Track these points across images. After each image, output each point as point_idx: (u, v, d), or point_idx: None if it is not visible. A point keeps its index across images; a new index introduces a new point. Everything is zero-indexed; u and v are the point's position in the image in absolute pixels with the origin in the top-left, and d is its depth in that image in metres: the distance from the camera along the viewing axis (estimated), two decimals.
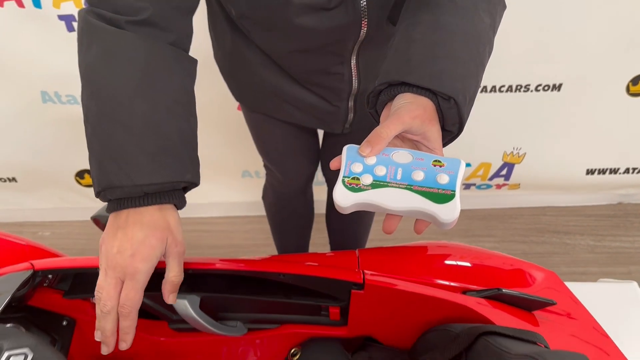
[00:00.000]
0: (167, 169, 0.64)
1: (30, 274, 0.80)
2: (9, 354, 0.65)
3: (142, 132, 0.63)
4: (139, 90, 0.64)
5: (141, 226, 0.64)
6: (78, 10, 0.70)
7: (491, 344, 0.67)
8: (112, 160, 0.63)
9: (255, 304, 0.90)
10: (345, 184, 0.61)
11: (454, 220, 0.59)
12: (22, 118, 1.84)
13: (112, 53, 0.64)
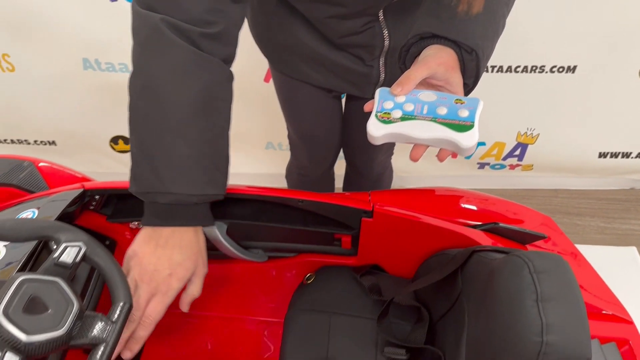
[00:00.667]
0: (216, 183, 0.73)
1: (81, 193, 0.91)
2: (66, 245, 0.76)
3: (201, 147, 0.70)
4: (204, 107, 0.70)
5: (180, 249, 0.72)
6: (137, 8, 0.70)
7: (483, 257, 0.75)
8: (169, 168, 0.69)
9: (275, 233, 1.00)
10: (378, 118, 0.70)
11: (473, 146, 0.67)
12: (64, 84, 1.97)
13: (183, 70, 0.68)
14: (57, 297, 0.69)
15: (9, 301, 0.65)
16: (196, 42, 0.69)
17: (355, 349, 0.87)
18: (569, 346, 0.54)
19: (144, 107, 0.70)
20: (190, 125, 0.69)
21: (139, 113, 0.71)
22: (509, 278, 0.62)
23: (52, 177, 1.06)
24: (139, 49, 0.70)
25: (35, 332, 0.64)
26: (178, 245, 0.72)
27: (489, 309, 0.65)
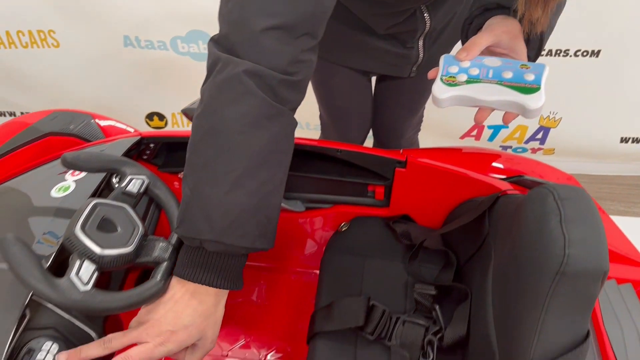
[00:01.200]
0: (266, 237, 0.69)
1: (138, 140, 1.00)
2: (132, 177, 0.85)
3: (259, 200, 0.66)
4: (268, 159, 0.67)
5: (193, 312, 0.68)
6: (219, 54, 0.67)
7: (509, 198, 0.82)
8: (223, 217, 0.65)
9: (312, 185, 1.07)
10: (443, 81, 0.72)
11: (540, 108, 0.68)
12: (104, 60, 2.07)
13: (255, 121, 0.66)
14: (124, 220, 0.78)
15: (85, 220, 0.74)
16: (274, 89, 0.67)
17: (387, 288, 0.94)
18: (588, 259, 0.61)
19: (206, 151, 0.67)
20: (252, 177, 0.66)
21: (200, 155, 0.67)
22: (534, 205, 0.68)
23: (108, 130, 1.14)
24: (215, 91, 0.67)
25: (108, 247, 0.73)
26: (194, 308, 0.69)
27: (515, 236, 0.72)
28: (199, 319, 0.69)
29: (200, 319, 0.69)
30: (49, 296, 0.66)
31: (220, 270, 0.69)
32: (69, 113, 1.16)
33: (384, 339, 0.87)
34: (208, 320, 0.70)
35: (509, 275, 0.71)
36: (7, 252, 0.67)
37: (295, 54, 0.67)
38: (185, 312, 0.68)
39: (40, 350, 0.74)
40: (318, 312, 0.90)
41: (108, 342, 0.69)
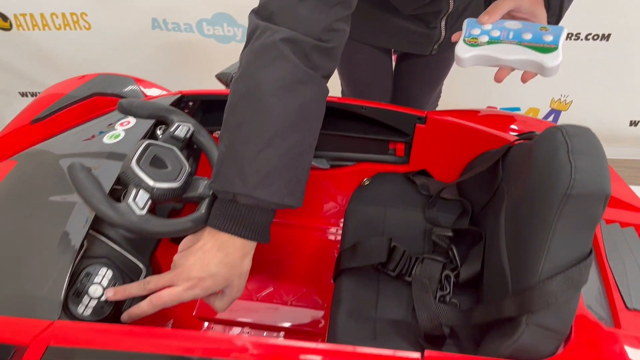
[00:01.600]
0: (295, 196, 0.74)
1: (179, 97, 1.09)
2: (179, 123, 0.93)
3: (289, 161, 0.71)
4: (299, 122, 0.72)
5: (220, 262, 0.73)
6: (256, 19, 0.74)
7: (520, 146, 0.90)
8: (256, 174, 0.70)
9: (337, 143, 1.15)
10: (466, 42, 0.78)
11: (557, 67, 0.73)
12: (133, 42, 2.17)
13: (289, 85, 0.71)
14: (173, 159, 0.87)
15: (139, 156, 0.83)
16: (307, 54, 0.72)
17: (406, 233, 1.02)
18: (592, 183, 0.68)
19: (242, 112, 0.72)
20: (284, 138, 0.71)
21: (237, 116, 0.73)
22: (545, 141, 0.76)
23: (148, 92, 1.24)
24: (252, 56, 0.72)
25: (159, 181, 0.81)
26: (221, 258, 0.73)
27: (526, 172, 0.79)
28: (225, 268, 0.73)
29: (226, 269, 0.73)
30: (110, 217, 0.75)
31: (249, 223, 0.73)
32: (113, 76, 1.25)
33: (405, 275, 0.95)
34: (233, 270, 0.74)
35: (521, 206, 0.79)
36: (75, 178, 0.76)
37: (329, 22, 0.73)
38: (213, 261, 0.73)
39: (97, 275, 0.83)
40: (343, 252, 0.98)
41: (147, 284, 0.76)
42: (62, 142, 1.04)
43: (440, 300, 0.89)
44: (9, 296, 0.78)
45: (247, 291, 1.17)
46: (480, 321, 0.79)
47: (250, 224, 0.73)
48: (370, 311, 0.91)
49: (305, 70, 0.72)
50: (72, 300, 0.80)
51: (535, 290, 0.69)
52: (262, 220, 0.74)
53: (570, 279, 0.68)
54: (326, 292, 1.19)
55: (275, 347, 0.68)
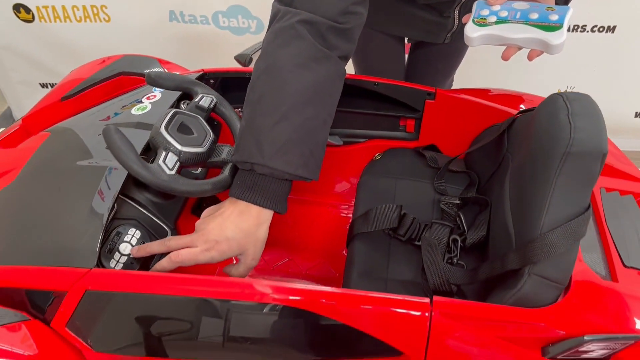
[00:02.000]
0: (309, 168, 0.78)
1: (201, 74, 1.15)
2: (202, 95, 1.00)
3: (303, 134, 0.76)
4: (313, 98, 0.77)
5: (236, 228, 0.78)
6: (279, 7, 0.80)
7: (524, 117, 0.95)
8: (271, 145, 0.75)
9: (350, 120, 1.21)
10: (475, 22, 0.83)
11: (561, 44, 0.77)
12: (151, 34, 2.23)
13: (303, 62, 0.77)
14: (198, 127, 0.93)
15: (167, 122, 0.89)
16: (323, 35, 0.77)
17: (416, 202, 1.07)
18: (590, 142, 0.73)
19: (261, 88, 0.78)
20: (298, 112, 0.76)
21: (256, 91, 0.78)
22: (547, 107, 0.82)
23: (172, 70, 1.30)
24: (271, 37, 0.79)
25: (186, 145, 0.88)
26: (237, 224, 0.78)
27: (529, 137, 0.85)
28: (240, 234, 0.78)
29: (241, 235, 0.78)
30: (143, 175, 0.81)
31: (264, 192, 0.78)
32: (138, 57, 1.32)
33: (414, 240, 1.00)
34: (248, 238, 0.79)
35: (524, 167, 0.84)
36: (110, 139, 0.82)
37: (345, 5, 0.78)
38: (229, 226, 0.78)
39: (127, 234, 0.90)
40: (356, 219, 1.04)
41: (167, 241, 0.84)
42: (91, 115, 1.10)
43: (448, 262, 0.94)
44: (47, 249, 0.84)
45: (263, 261, 1.24)
46: (486, 276, 0.84)
47: (265, 193, 0.78)
48: (381, 272, 0.97)
49: (321, 49, 0.77)
50: (104, 256, 0.86)
51: (537, 242, 0.75)
52: (278, 189, 0.79)
53: (569, 231, 0.74)
54: (339, 263, 1.25)
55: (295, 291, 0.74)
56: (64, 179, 0.95)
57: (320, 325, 0.77)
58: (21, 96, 2.49)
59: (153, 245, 0.86)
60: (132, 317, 0.81)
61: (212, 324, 0.80)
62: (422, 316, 0.73)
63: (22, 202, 0.94)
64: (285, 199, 0.81)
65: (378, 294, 0.74)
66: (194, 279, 0.76)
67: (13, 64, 2.36)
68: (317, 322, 0.76)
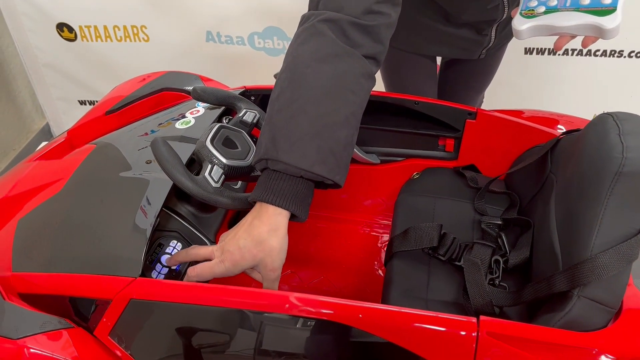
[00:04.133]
0: (327, 166, 0.72)
1: (242, 91, 1.17)
2: (246, 110, 1.01)
3: (319, 128, 0.72)
4: (332, 92, 0.74)
5: (246, 235, 0.74)
6: (306, 13, 0.81)
7: (569, 137, 0.94)
8: (286, 140, 0.71)
9: (387, 139, 1.21)
10: (522, 15, 0.81)
11: (616, 28, 0.73)
12: (188, 54, 2.29)
13: (323, 57, 0.74)
14: (242, 141, 0.94)
15: (213, 136, 0.91)
16: (345, 31, 0.75)
17: (456, 222, 1.06)
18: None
19: (280, 85, 0.76)
20: (315, 105, 0.72)
21: (277, 89, 0.77)
22: (596, 126, 0.81)
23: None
24: (294, 38, 0.79)
25: (231, 159, 0.89)
26: (248, 231, 0.74)
27: (577, 157, 0.83)
28: (251, 242, 0.73)
29: (252, 243, 0.73)
30: (190, 188, 0.82)
31: (278, 190, 0.72)
32: (181, 73, 1.35)
33: (455, 260, 0.99)
34: (261, 246, 0.73)
35: (572, 187, 0.83)
36: (158, 151, 0.83)
37: (369, 4, 0.76)
38: (242, 235, 0.74)
39: (168, 246, 0.91)
40: (395, 238, 1.03)
41: (190, 250, 0.83)
42: (135, 128, 1.13)
43: (490, 283, 0.93)
44: (91, 258, 0.86)
45: (298, 279, 1.23)
46: (531, 298, 0.82)
47: (279, 191, 0.72)
48: (421, 292, 0.95)
49: (342, 45, 0.75)
50: (146, 267, 0.87)
51: (587, 263, 0.73)
52: (293, 188, 0.73)
53: (621, 253, 0.72)
54: (373, 283, 1.24)
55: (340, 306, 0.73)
56: (108, 190, 0.97)
57: (363, 343, 0.76)
58: (60, 112, 2.57)
59: (180, 254, 0.86)
60: (174, 328, 0.81)
61: (253, 337, 0.79)
62: (469, 336, 0.72)
63: (68, 212, 0.96)
64: (303, 202, 0.74)
65: (424, 312, 0.73)
66: (237, 290, 0.76)
67: (54, 80, 2.43)
68: (360, 338, 0.75)
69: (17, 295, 0.87)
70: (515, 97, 2.05)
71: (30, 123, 2.56)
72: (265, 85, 1.19)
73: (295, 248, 1.26)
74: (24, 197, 1.03)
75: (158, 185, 0.92)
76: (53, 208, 0.97)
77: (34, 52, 2.32)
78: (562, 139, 0.97)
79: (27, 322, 0.82)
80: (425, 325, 0.72)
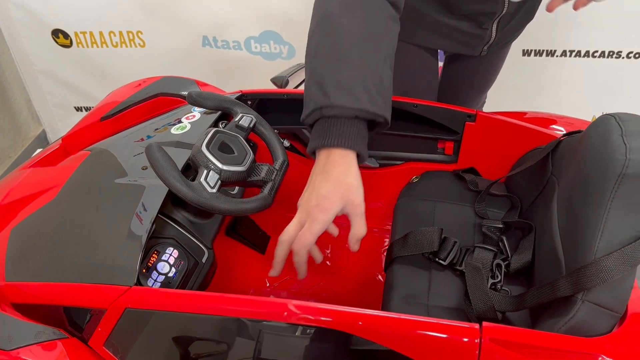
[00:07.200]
0: (377, 104, 0.77)
1: (239, 95, 1.16)
2: (242, 114, 1.00)
3: (363, 71, 0.77)
4: (368, 36, 0.79)
5: (326, 182, 0.76)
6: None
7: (570, 138, 0.93)
8: (335, 87, 0.76)
9: (387, 142, 1.20)
10: None
11: None
12: (184, 59, 2.27)
13: (354, 5, 0.80)
14: (239, 146, 0.93)
15: (208, 141, 0.89)
16: None
17: (456, 226, 1.04)
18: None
19: (315, 42, 0.80)
20: (356, 50, 0.77)
21: (311, 48, 0.81)
22: (598, 127, 0.79)
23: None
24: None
25: (227, 164, 0.87)
26: (325, 178, 0.76)
27: (579, 158, 0.82)
28: (333, 186, 0.76)
29: (334, 187, 0.76)
30: (185, 193, 0.81)
31: (339, 133, 0.76)
32: (176, 78, 1.34)
33: (456, 264, 0.97)
34: (342, 186, 0.76)
35: (574, 190, 0.81)
36: (153, 157, 0.82)
37: None
38: (320, 184, 0.77)
39: (165, 253, 0.89)
40: (395, 242, 1.02)
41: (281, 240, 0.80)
42: (130, 134, 1.11)
43: (492, 288, 0.91)
44: (86, 266, 0.84)
45: (297, 285, 1.21)
46: (534, 303, 0.80)
47: (340, 133, 0.76)
48: (422, 298, 0.94)
49: None
50: (142, 274, 0.85)
51: (591, 267, 0.71)
52: (352, 129, 0.76)
53: (625, 256, 0.70)
54: (374, 289, 1.22)
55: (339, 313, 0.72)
56: (103, 197, 0.96)
57: (363, 351, 0.75)
58: (56, 119, 2.55)
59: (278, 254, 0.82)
60: (170, 338, 0.79)
61: (251, 346, 0.78)
62: (471, 342, 0.70)
63: (62, 220, 0.94)
64: (363, 142, 0.79)
65: (425, 319, 0.71)
66: (235, 298, 0.75)
67: (50, 87, 2.42)
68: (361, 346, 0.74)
69: (10, 305, 0.85)
70: (514, 99, 2.04)
71: (26, 130, 2.55)
72: (261, 89, 1.18)
73: None
74: (17, 206, 1.01)
75: (154, 192, 0.91)
76: (47, 216, 0.96)
77: (30, 59, 2.31)
78: (563, 140, 0.96)
79: (21, 332, 0.80)
80: (427, 332, 0.71)
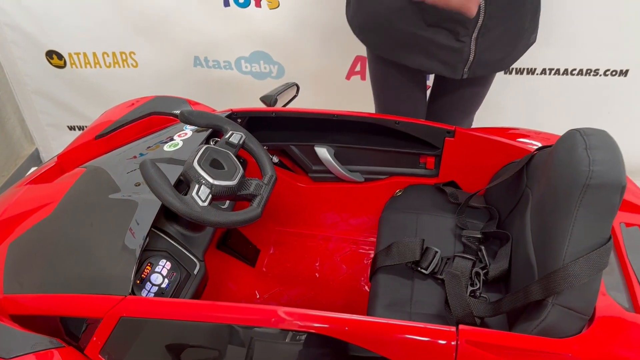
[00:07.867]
0: None
1: (229, 114, 1.21)
2: (232, 132, 1.05)
3: None
4: None
5: None
6: None
7: (543, 152, 0.98)
8: None
9: (371, 157, 1.25)
10: None
11: None
12: (176, 79, 2.32)
13: None
14: (229, 162, 0.97)
15: (200, 157, 0.94)
16: None
17: (438, 236, 1.09)
18: (609, 175, 0.76)
19: None
20: None
21: None
22: (565, 142, 0.85)
23: None
24: None
25: (218, 179, 0.92)
26: None
27: (549, 171, 0.87)
28: None
29: None
30: (178, 207, 0.85)
31: None
32: (168, 98, 1.39)
33: (437, 273, 1.02)
34: None
35: (545, 200, 0.87)
36: (147, 172, 0.86)
37: None
38: None
39: (158, 265, 0.93)
40: (379, 253, 1.06)
41: None
42: (124, 152, 1.16)
43: (471, 295, 0.96)
44: (81, 278, 0.88)
45: (287, 297, 1.25)
46: (510, 308, 0.85)
47: None
48: (405, 305, 0.98)
49: None
50: (135, 286, 0.89)
51: (560, 272, 0.76)
52: None
53: (591, 261, 0.76)
54: (360, 298, 1.26)
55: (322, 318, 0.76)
56: (98, 212, 1.00)
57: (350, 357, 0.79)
58: (49, 138, 2.58)
59: None
60: (164, 345, 0.83)
61: (242, 352, 0.81)
62: (449, 345, 0.74)
63: (58, 235, 0.98)
64: None
65: (405, 322, 0.76)
66: (226, 306, 0.79)
67: (43, 107, 2.46)
68: (344, 350, 0.78)
69: (8, 317, 0.88)
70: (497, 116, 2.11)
71: (20, 149, 2.58)
72: (251, 107, 1.23)
73: (284, 267, 1.29)
74: (15, 221, 1.05)
75: (147, 206, 0.95)
76: (43, 231, 0.99)
77: (24, 80, 2.35)
78: (536, 154, 1.01)
79: (19, 342, 0.83)
80: (407, 335, 0.75)
